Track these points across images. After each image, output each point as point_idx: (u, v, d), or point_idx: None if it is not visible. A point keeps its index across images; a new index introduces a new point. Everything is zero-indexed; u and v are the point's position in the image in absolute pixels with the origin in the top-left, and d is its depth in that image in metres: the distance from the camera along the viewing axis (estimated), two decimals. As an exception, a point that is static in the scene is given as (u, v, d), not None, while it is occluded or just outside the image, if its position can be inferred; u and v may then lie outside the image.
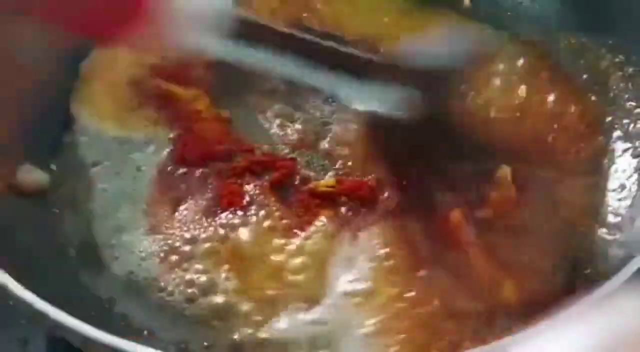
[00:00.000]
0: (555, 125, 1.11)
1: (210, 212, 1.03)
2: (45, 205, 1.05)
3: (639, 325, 0.76)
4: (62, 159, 1.09)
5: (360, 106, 1.12)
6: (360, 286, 0.97)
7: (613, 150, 1.09)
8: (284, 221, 1.02)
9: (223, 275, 0.98)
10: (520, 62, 1.18)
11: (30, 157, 1.07)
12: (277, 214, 1.03)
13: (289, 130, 1.12)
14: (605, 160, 1.08)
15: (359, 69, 1.12)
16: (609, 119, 1.11)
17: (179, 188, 1.05)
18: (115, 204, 1.04)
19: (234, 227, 1.02)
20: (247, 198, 1.04)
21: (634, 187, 1.05)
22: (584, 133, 1.11)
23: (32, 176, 1.06)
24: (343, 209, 1.03)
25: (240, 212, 1.03)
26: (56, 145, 1.10)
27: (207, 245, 1.00)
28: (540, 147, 1.09)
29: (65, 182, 1.07)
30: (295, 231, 1.01)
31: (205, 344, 0.94)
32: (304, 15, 1.22)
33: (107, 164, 1.08)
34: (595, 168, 1.07)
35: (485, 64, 1.17)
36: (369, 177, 1.06)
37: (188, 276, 0.98)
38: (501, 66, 1.17)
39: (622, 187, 1.05)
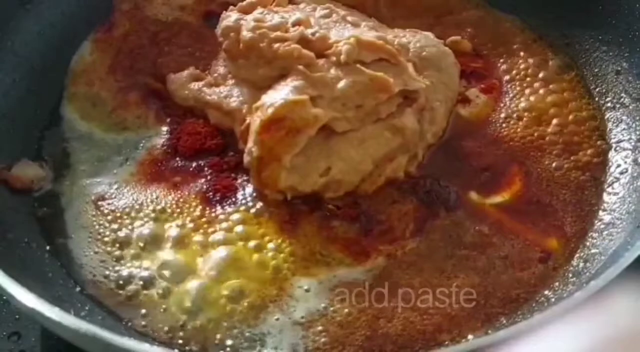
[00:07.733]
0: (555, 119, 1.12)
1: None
2: (36, 200, 1.05)
3: (632, 324, 0.76)
4: (52, 156, 1.09)
5: None
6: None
7: (609, 144, 1.09)
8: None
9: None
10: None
11: (24, 153, 1.07)
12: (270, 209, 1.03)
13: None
14: (601, 152, 1.08)
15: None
16: (603, 110, 1.12)
17: (172, 180, 1.06)
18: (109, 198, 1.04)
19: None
20: (240, 192, 1.04)
21: (629, 180, 1.05)
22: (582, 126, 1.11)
23: (28, 171, 1.06)
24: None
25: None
26: (47, 142, 1.10)
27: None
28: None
29: (56, 178, 1.07)
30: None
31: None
32: None
33: (98, 159, 1.08)
34: (591, 160, 1.08)
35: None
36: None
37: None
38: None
39: (616, 180, 1.06)
